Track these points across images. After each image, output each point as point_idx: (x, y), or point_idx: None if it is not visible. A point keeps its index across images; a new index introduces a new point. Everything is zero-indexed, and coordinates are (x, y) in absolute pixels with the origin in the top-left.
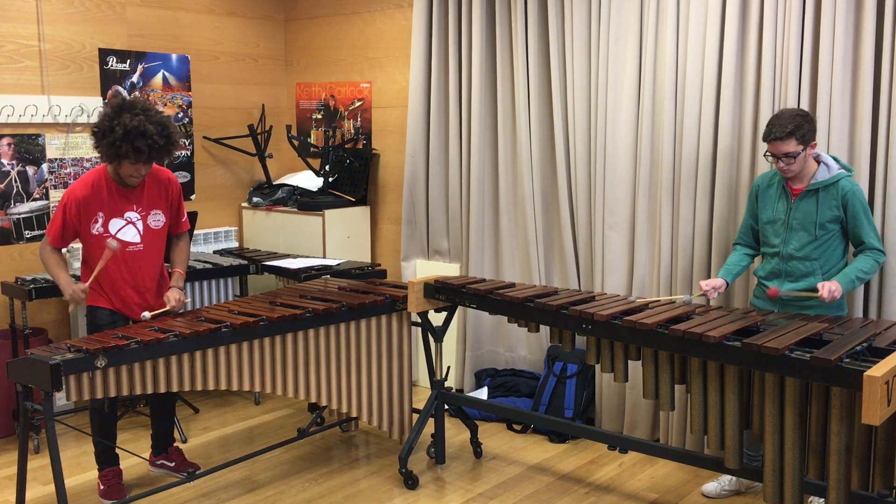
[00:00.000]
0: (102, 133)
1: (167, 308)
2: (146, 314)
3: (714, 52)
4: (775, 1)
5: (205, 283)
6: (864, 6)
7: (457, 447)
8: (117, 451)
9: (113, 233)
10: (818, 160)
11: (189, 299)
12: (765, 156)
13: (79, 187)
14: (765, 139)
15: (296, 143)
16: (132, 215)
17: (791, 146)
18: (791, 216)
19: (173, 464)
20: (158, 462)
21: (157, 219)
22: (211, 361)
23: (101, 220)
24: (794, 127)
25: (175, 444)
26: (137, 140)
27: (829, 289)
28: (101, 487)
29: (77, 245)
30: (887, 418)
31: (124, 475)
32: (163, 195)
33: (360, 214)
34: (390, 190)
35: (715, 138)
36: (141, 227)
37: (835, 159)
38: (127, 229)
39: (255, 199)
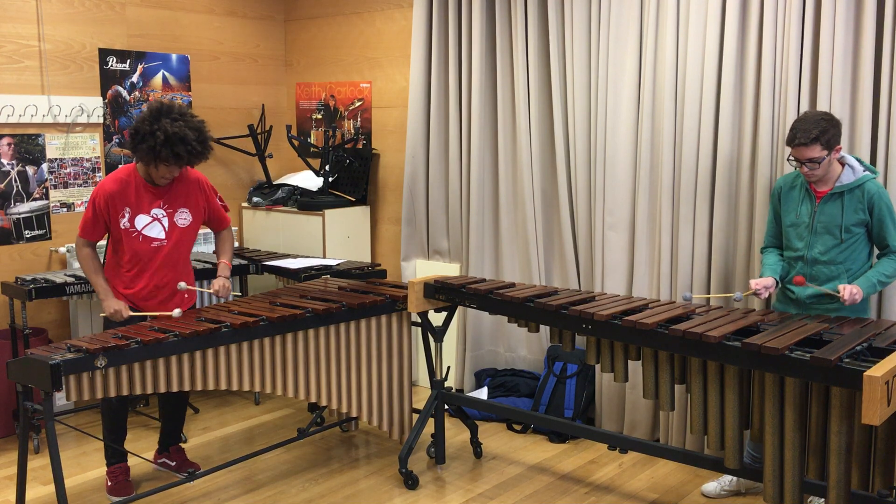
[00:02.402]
0: (142, 137)
1: (208, 290)
2: (182, 284)
3: (714, 53)
4: (775, 1)
5: (205, 283)
6: (864, 6)
7: (457, 447)
8: (126, 447)
9: (139, 228)
10: (842, 162)
11: (234, 291)
12: (788, 160)
13: (108, 182)
14: (788, 144)
15: (296, 143)
16: (158, 212)
17: (816, 152)
18: (815, 220)
19: (174, 463)
20: (160, 460)
21: (184, 217)
22: (211, 361)
23: (127, 215)
24: (820, 132)
25: (179, 444)
26: (177, 146)
27: (850, 291)
28: (109, 484)
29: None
30: (887, 418)
31: None
32: (191, 195)
33: (360, 214)
34: (390, 190)
35: (715, 138)
36: (166, 224)
37: (858, 160)
38: (153, 226)
39: (255, 199)
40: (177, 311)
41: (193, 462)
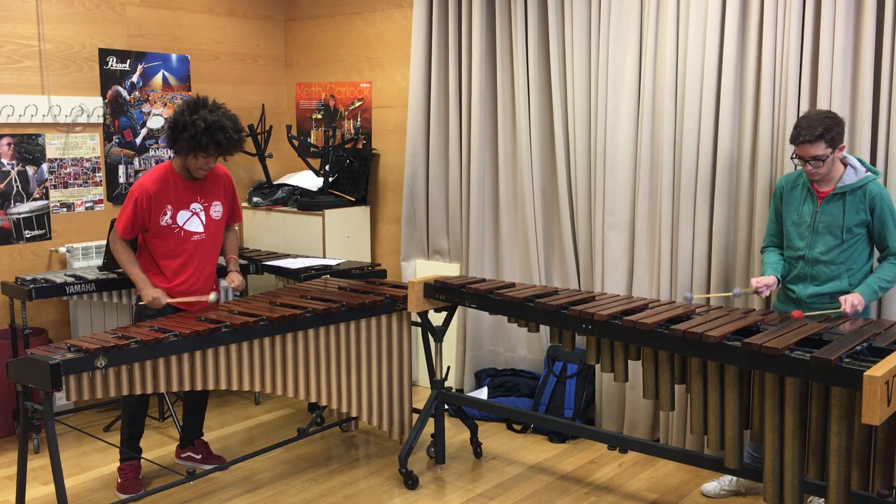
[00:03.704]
0: (182, 127)
1: (231, 286)
2: (212, 296)
3: (714, 53)
4: (775, 1)
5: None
6: (864, 6)
7: (457, 447)
8: (141, 445)
9: (181, 224)
10: (844, 162)
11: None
12: (791, 158)
13: (149, 182)
14: (792, 142)
15: (296, 143)
16: (196, 206)
17: (820, 149)
18: (817, 219)
19: (200, 456)
20: (185, 454)
21: (217, 210)
22: (211, 361)
23: (169, 213)
24: (824, 130)
25: (202, 437)
26: (217, 133)
27: (851, 303)
28: (119, 481)
29: (78, 244)
30: (887, 418)
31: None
32: (221, 188)
33: (360, 214)
34: (390, 190)
35: (715, 138)
36: (204, 218)
37: (861, 161)
38: (192, 220)
39: (255, 199)
40: (213, 296)
41: (219, 455)
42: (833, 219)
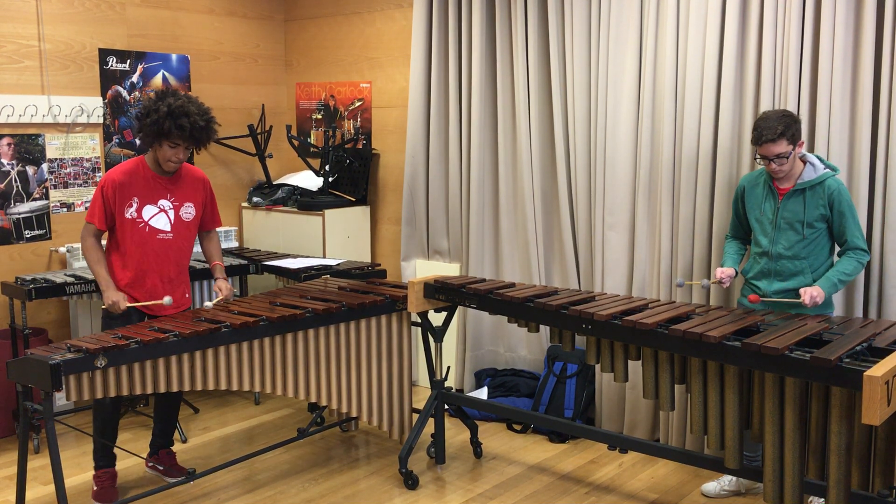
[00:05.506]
0: (147, 113)
1: (220, 298)
2: (208, 304)
3: (714, 52)
4: (775, 1)
5: (205, 283)
6: (864, 6)
7: (457, 447)
8: (115, 452)
9: (146, 219)
10: (803, 160)
11: (236, 289)
12: (755, 159)
13: (116, 172)
14: (755, 143)
15: (296, 143)
16: (165, 203)
17: (782, 147)
18: (779, 216)
19: (163, 467)
20: (150, 463)
21: (189, 211)
22: (211, 361)
23: (135, 206)
24: (784, 127)
25: (170, 448)
26: (180, 118)
27: (810, 294)
28: (95, 488)
29: (77, 244)
30: (887, 418)
31: (125, 475)
32: (197, 191)
33: (360, 214)
34: (390, 190)
35: (715, 138)
36: (172, 217)
37: (819, 158)
38: (159, 217)
39: (255, 199)
40: (167, 299)
41: (182, 466)
42: (794, 214)
